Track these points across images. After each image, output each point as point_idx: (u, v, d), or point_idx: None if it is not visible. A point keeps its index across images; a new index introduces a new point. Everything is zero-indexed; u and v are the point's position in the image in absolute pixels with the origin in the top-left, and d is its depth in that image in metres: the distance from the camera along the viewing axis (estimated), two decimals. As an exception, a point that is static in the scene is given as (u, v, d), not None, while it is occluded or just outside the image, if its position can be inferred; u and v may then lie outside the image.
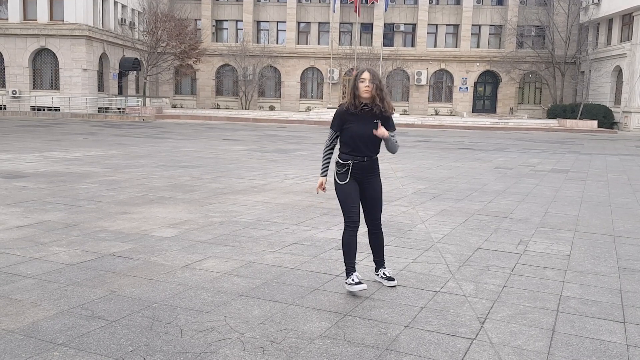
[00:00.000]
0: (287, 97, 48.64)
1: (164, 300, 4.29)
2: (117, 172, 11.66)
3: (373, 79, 4.47)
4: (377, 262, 4.92)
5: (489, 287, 4.83)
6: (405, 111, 47.28)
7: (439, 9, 47.91)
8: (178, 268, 5.13)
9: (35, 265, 5.11)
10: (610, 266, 5.63)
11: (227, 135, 24.71)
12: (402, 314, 4.16)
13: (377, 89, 4.48)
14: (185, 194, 9.18)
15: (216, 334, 3.71)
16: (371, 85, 4.46)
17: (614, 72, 40.13)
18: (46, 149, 16.19)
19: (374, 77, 4.48)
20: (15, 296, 4.31)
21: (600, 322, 4.12)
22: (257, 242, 6.19)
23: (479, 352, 3.55)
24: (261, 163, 14.09)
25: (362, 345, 3.60)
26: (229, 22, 49.78)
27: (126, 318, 3.92)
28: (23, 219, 7.02)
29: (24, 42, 37.35)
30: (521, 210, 8.58)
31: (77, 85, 37.39)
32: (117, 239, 6.15)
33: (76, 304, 4.16)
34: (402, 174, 12.60)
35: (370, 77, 4.47)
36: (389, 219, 7.60)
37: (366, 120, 4.53)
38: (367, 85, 4.45)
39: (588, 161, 17.22)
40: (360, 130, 4.54)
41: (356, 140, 4.57)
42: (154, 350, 3.44)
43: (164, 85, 48.45)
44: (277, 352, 3.46)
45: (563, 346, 3.68)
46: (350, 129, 4.56)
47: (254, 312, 4.11)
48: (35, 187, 9.50)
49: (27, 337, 3.58)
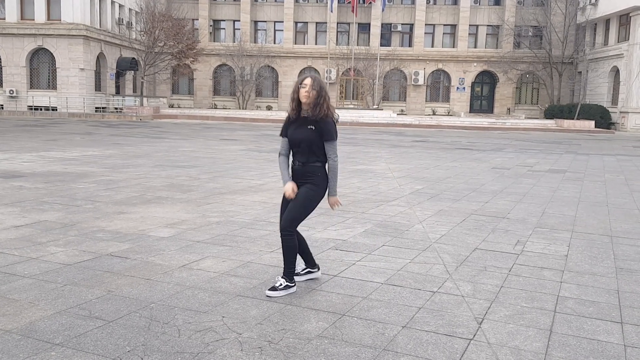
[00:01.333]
0: (285, 97, 48.53)
1: (162, 300, 4.28)
2: (114, 171, 11.64)
3: (314, 85, 4.44)
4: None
5: (486, 288, 4.84)
6: (403, 111, 47.31)
7: (437, 9, 47.96)
8: (175, 268, 5.12)
9: (32, 265, 5.10)
10: (607, 267, 5.63)
11: (224, 135, 24.69)
12: (400, 314, 4.16)
13: (317, 96, 4.43)
14: (182, 194, 9.17)
15: (214, 334, 3.70)
16: (312, 91, 4.43)
17: (611, 72, 40.22)
18: (43, 148, 16.17)
19: (315, 84, 4.45)
20: (13, 296, 4.30)
21: (597, 323, 4.12)
22: (254, 242, 6.18)
23: (477, 352, 3.56)
24: (258, 163, 14.08)
25: (359, 346, 3.60)
26: (226, 22, 49.76)
27: (124, 318, 3.92)
28: (20, 218, 7.01)
29: (21, 41, 37.27)
30: (518, 211, 8.59)
31: (74, 85, 37.33)
32: (115, 238, 6.14)
33: (74, 304, 4.16)
34: (399, 174, 12.60)
35: (312, 82, 4.45)
36: (386, 219, 7.61)
37: (302, 126, 4.52)
38: (307, 90, 4.43)
39: (585, 161, 17.24)
40: (294, 135, 4.56)
41: (291, 144, 4.60)
42: (151, 350, 3.43)
43: (161, 85, 48.39)
44: (275, 353, 3.46)
45: (560, 346, 3.69)
46: (288, 133, 4.60)
47: (252, 312, 4.11)
48: (33, 186, 9.48)
49: (24, 337, 3.57)
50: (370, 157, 16.34)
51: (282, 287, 4.54)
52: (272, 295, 4.48)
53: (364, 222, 7.41)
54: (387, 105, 46.85)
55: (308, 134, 4.48)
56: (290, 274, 4.59)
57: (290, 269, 4.58)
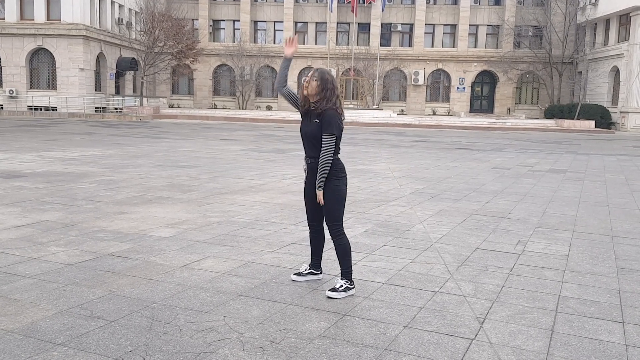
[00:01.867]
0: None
1: (163, 300, 4.28)
2: (114, 171, 11.64)
3: (314, 75, 4.37)
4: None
5: (487, 287, 4.84)
6: (403, 111, 47.31)
7: (437, 8, 47.96)
8: (177, 268, 5.12)
9: (33, 265, 5.10)
10: (608, 266, 5.64)
11: (224, 135, 24.69)
12: (401, 314, 4.16)
13: (320, 87, 4.34)
14: (183, 194, 9.17)
15: (215, 333, 3.70)
16: (311, 82, 4.35)
17: (612, 72, 40.21)
18: (43, 148, 16.17)
19: (317, 74, 4.38)
20: (14, 296, 4.30)
21: (599, 322, 4.13)
22: (255, 242, 6.18)
23: (479, 352, 3.56)
24: (259, 163, 14.08)
25: (361, 345, 3.60)
26: (226, 22, 49.76)
27: (125, 318, 3.92)
28: (21, 218, 7.01)
29: (21, 41, 37.26)
30: (519, 211, 8.59)
31: (74, 85, 37.32)
32: (116, 238, 6.14)
33: (75, 304, 4.16)
34: (399, 174, 12.60)
35: (312, 73, 4.40)
36: (387, 219, 7.61)
37: (310, 120, 4.44)
38: (306, 80, 4.38)
39: (586, 161, 17.25)
40: (302, 129, 4.51)
41: (302, 139, 4.56)
42: (153, 350, 3.43)
43: (161, 85, 48.40)
44: (277, 352, 3.46)
45: (562, 346, 3.69)
46: (301, 128, 4.55)
47: (253, 312, 4.11)
48: (33, 186, 9.48)
49: (26, 337, 3.57)
50: (370, 157, 16.34)
51: (342, 288, 4.49)
52: (333, 296, 4.43)
53: (365, 222, 7.41)
54: (387, 105, 46.85)
55: (313, 128, 4.39)
56: (348, 274, 4.53)
57: (348, 269, 4.53)
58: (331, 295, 4.43)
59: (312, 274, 4.89)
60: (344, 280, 4.54)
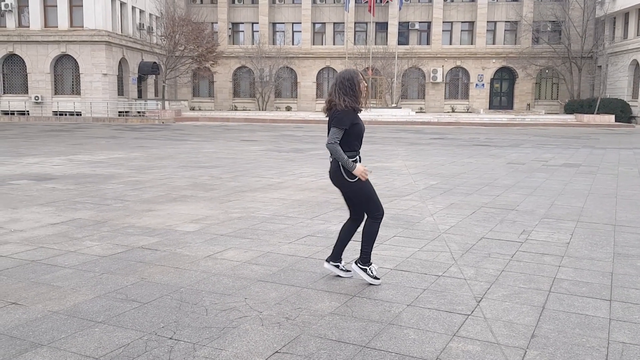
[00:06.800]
0: (304, 97, 49.13)
1: (190, 286, 4.73)
2: (140, 173, 12.17)
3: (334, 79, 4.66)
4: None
5: (488, 272, 5.21)
6: (422, 109, 47.53)
7: (454, 6, 48.10)
8: (201, 258, 5.57)
9: (71, 257, 5.58)
10: (606, 252, 5.96)
11: (244, 136, 25.21)
12: (406, 295, 4.56)
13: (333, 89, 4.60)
14: (205, 192, 9.64)
15: (237, 312, 4.14)
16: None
17: (631, 66, 40.02)
18: (71, 152, 16.79)
19: (336, 77, 4.65)
20: (56, 283, 4.77)
21: (587, 300, 4.48)
22: (273, 234, 6.61)
23: (473, 325, 3.94)
24: (278, 162, 14.54)
25: (367, 321, 4.00)
26: (245, 25, 50.40)
27: (157, 300, 4.37)
28: (56, 217, 7.52)
29: (45, 48, 38.23)
30: (528, 203, 8.92)
31: (97, 90, 38.19)
32: (145, 233, 6.61)
33: (111, 289, 4.62)
34: (415, 171, 12.96)
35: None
36: (399, 213, 7.99)
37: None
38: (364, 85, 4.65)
39: (601, 155, 17.42)
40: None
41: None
42: (182, 326, 3.88)
43: (182, 88, 49.23)
44: (292, 327, 3.88)
45: (550, 320, 4.06)
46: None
47: (271, 295, 4.53)
48: (64, 188, 10.02)
49: (70, 317, 4.03)
50: (387, 155, 16.71)
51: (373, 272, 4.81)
52: (375, 283, 4.76)
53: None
54: (405, 104, 47.12)
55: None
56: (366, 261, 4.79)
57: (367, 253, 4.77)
58: (373, 283, 4.77)
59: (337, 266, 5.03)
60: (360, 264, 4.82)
